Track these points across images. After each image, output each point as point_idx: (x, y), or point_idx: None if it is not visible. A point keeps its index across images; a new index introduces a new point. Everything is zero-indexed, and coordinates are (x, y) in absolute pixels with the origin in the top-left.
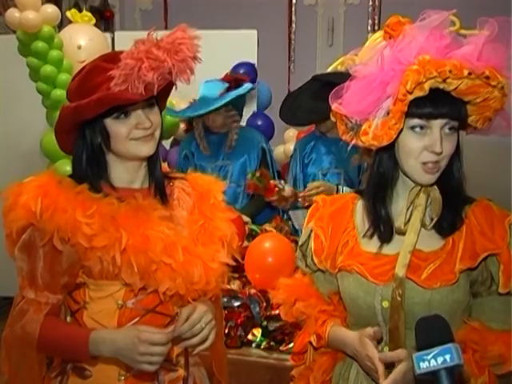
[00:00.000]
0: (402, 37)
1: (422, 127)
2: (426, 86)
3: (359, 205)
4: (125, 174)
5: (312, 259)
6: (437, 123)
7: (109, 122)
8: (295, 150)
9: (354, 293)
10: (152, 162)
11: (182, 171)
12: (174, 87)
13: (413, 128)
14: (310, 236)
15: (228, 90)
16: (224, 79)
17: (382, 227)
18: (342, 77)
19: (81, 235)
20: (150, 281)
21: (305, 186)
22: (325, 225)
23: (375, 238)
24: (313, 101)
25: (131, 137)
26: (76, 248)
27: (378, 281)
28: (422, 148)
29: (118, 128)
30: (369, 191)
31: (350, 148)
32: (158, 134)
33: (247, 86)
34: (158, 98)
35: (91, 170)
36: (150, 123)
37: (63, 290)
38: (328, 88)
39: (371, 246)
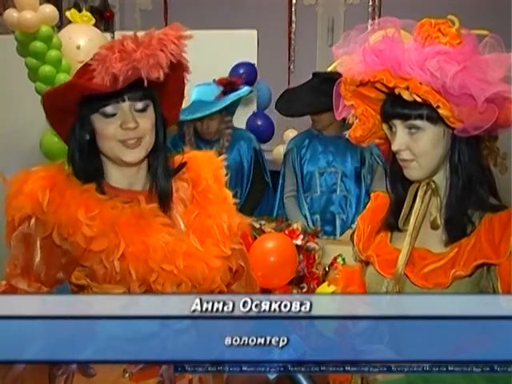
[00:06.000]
0: None
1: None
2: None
3: None
4: (122, 176)
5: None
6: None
7: (96, 119)
8: (291, 148)
9: (369, 282)
10: (153, 168)
11: None
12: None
13: None
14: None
15: (224, 93)
16: (218, 82)
17: (391, 218)
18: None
19: (80, 235)
20: (154, 287)
21: (303, 185)
22: (367, 218)
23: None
24: (311, 95)
25: (117, 137)
26: (74, 246)
27: (385, 273)
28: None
29: (103, 126)
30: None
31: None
32: (146, 141)
33: (246, 89)
34: (157, 104)
35: (85, 169)
36: (135, 124)
37: (55, 284)
38: (328, 83)
39: (398, 241)
